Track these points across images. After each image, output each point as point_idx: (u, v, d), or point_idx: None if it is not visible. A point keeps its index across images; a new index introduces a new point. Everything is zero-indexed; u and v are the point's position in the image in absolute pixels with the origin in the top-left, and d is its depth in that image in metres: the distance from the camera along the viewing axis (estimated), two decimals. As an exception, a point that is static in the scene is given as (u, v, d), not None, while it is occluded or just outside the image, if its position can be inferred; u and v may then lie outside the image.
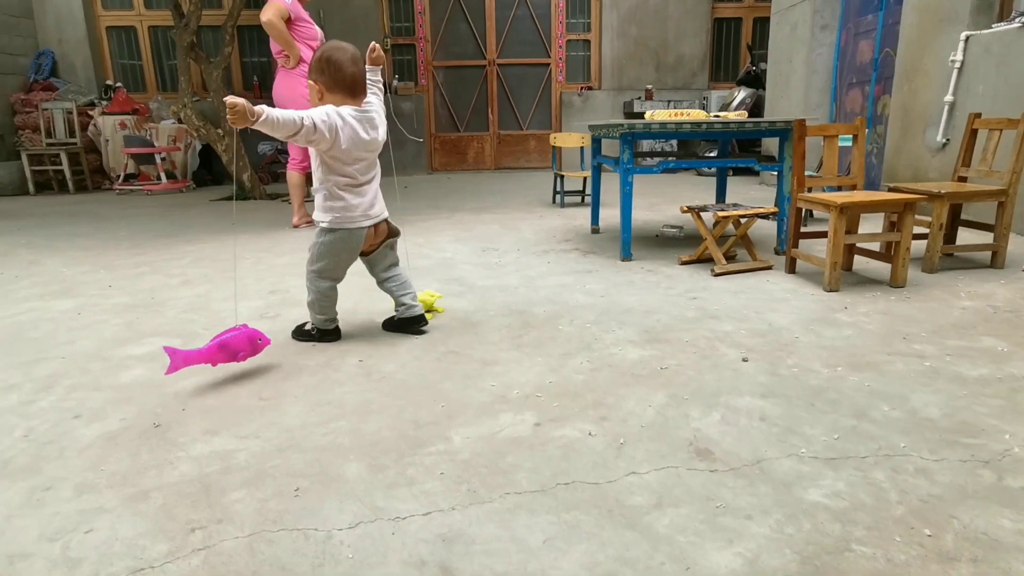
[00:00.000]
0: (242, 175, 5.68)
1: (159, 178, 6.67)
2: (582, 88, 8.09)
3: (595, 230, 3.71)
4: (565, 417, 1.41)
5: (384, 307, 2.10)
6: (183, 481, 1.18)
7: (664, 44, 7.97)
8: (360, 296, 2.39)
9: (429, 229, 3.89)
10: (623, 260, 2.94)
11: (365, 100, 1.83)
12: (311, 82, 1.80)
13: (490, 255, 3.12)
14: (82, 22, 7.37)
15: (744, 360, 1.70)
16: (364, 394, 1.54)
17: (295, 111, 1.66)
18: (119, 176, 7.15)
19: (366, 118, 1.80)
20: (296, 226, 4.04)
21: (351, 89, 1.77)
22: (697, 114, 2.96)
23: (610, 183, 4.76)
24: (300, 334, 1.95)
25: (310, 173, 3.10)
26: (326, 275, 1.85)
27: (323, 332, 1.91)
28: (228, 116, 1.51)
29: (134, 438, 1.34)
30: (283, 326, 2.06)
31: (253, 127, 1.56)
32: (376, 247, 1.93)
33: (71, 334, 2.03)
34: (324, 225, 1.81)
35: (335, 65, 1.74)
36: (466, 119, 8.23)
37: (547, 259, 3.01)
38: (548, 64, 8.12)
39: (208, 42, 7.45)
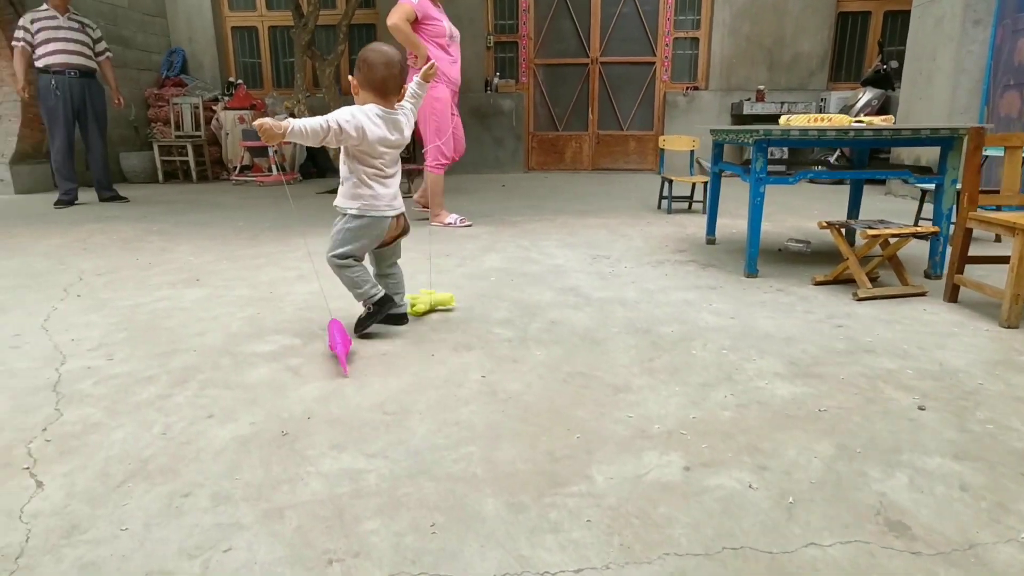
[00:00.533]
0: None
1: (270, 170, 6.99)
2: (688, 88, 7.74)
3: (711, 240, 3.48)
4: (718, 462, 1.25)
5: (461, 317, 2.01)
6: (315, 501, 1.12)
7: (780, 41, 7.48)
8: (474, 302, 2.32)
9: (534, 232, 3.80)
10: (748, 276, 2.71)
11: (399, 103, 1.92)
12: (350, 76, 1.91)
13: (602, 263, 2.97)
14: (211, 22, 7.85)
15: (921, 408, 1.47)
16: (491, 416, 1.45)
17: (320, 117, 1.74)
18: (235, 167, 7.57)
19: (391, 119, 1.88)
20: (465, 224, 4.00)
21: (379, 90, 1.86)
22: (840, 119, 2.68)
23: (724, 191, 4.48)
24: (361, 325, 1.95)
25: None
26: (347, 257, 1.90)
27: (376, 304, 1.92)
28: (260, 136, 1.61)
29: (264, 445, 1.31)
30: (398, 331, 2.02)
31: (286, 139, 1.67)
32: (393, 239, 2.01)
33: (201, 325, 2.08)
34: (352, 212, 1.89)
35: (368, 65, 1.83)
36: (565, 118, 8.09)
37: (663, 271, 2.83)
38: (653, 63, 7.83)
39: (321, 41, 7.73)
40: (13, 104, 5.90)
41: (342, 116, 1.76)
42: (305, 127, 1.69)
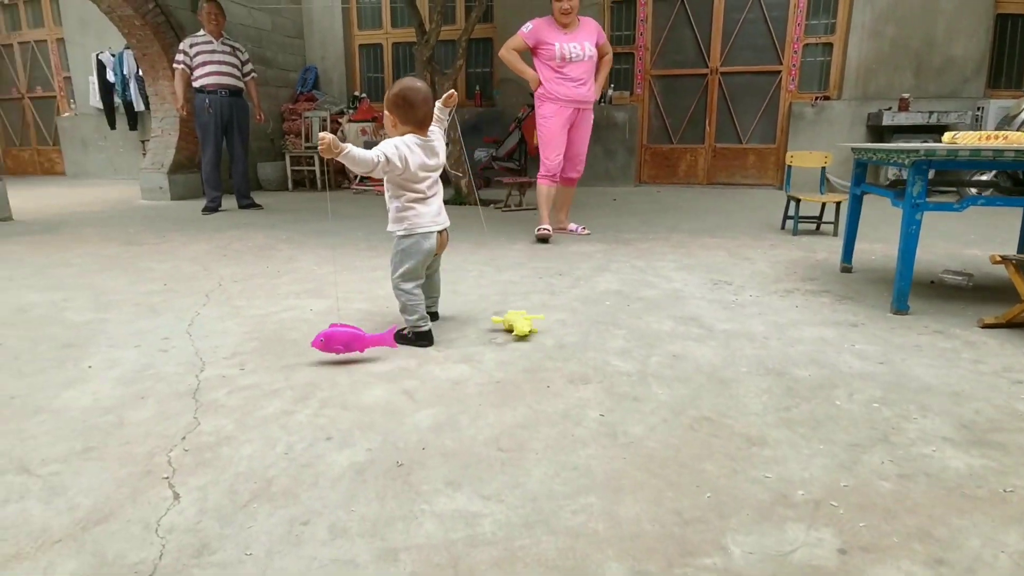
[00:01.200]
0: (460, 181, 5.95)
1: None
2: (817, 98, 7.20)
3: (846, 268, 3.16)
4: (880, 547, 1.07)
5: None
6: (430, 545, 1.09)
7: (930, 44, 6.76)
8: (590, 328, 2.23)
9: (649, 252, 3.64)
10: (896, 313, 2.41)
11: (429, 129, 2.06)
12: (386, 112, 2.04)
13: (723, 290, 2.78)
14: (341, 41, 8.36)
15: None
16: (612, 462, 1.35)
17: (372, 150, 1.89)
18: (356, 177, 7.99)
19: (428, 146, 2.04)
20: (542, 237, 4.02)
21: (420, 123, 2.02)
22: (1017, 136, 2.32)
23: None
24: (399, 339, 2.08)
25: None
26: (409, 277, 2.08)
27: (418, 335, 2.09)
28: (319, 147, 1.77)
29: (380, 476, 1.30)
30: (514, 356, 1.97)
31: (336, 159, 1.81)
32: (440, 250, 2.17)
33: (322, 339, 2.15)
34: (400, 233, 2.07)
35: (409, 103, 1.98)
36: (680, 130, 7.80)
37: (793, 301, 2.59)
38: (778, 71, 7.36)
39: (440, 55, 7.99)
40: (172, 120, 6.59)
41: (388, 150, 1.91)
42: (357, 155, 1.85)
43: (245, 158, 5.76)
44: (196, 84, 5.39)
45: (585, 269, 3.20)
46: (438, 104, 2.15)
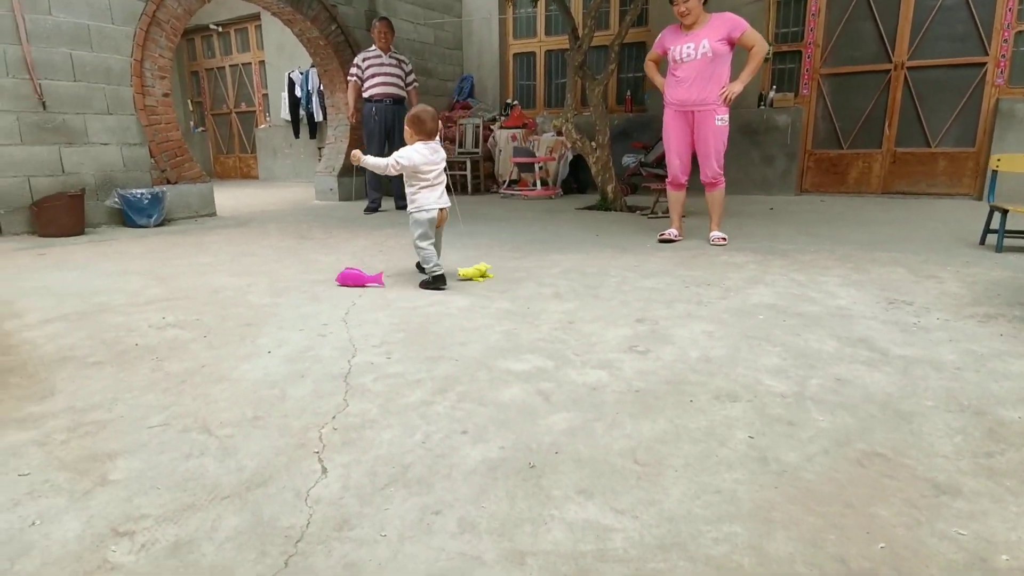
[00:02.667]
0: (607, 186, 5.87)
1: (535, 185, 7.42)
2: (1034, 93, 6.12)
3: (1070, 293, 2.63)
4: (1122, 642, 0.85)
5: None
6: (557, 553, 1.05)
7: None
8: (740, 342, 2.06)
9: (809, 265, 3.31)
10: None
11: (436, 140, 2.95)
12: (407, 127, 2.93)
13: (902, 311, 2.43)
14: (496, 50, 8.67)
15: None
16: (762, 491, 1.22)
17: (385, 158, 2.91)
18: (504, 182, 8.22)
19: (431, 148, 2.92)
20: (664, 238, 4.09)
21: (429, 135, 2.92)
22: None
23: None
24: (424, 285, 2.89)
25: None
26: (422, 238, 2.92)
27: (435, 277, 2.86)
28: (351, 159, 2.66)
29: (511, 475, 1.29)
30: (655, 366, 1.88)
31: (360, 165, 2.89)
32: (441, 223, 3.00)
33: (464, 335, 2.20)
34: (412, 210, 2.95)
35: (421, 121, 2.90)
36: (853, 134, 7.04)
37: (996, 329, 2.20)
38: (983, 63, 6.37)
39: (592, 61, 7.97)
40: (344, 128, 7.24)
41: (399, 156, 2.85)
42: (373, 162, 2.89)
43: None
44: (365, 94, 5.88)
45: (736, 280, 2.98)
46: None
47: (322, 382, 1.79)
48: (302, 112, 10.46)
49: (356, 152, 2.88)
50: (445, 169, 2.98)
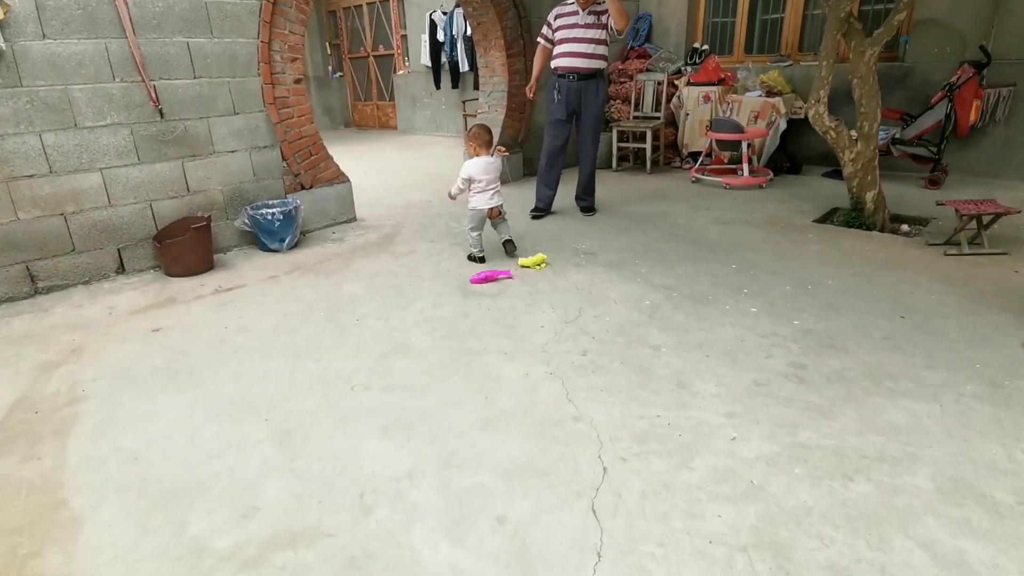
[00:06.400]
0: (865, 193, 4.16)
1: (739, 170, 5.75)
2: None
3: None
4: None
5: None
6: None
7: None
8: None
9: None
10: None
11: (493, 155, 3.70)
12: (467, 142, 3.79)
13: None
14: (687, -21, 6.78)
15: None
16: None
17: (458, 182, 3.73)
18: (687, 157, 6.59)
19: (487, 162, 3.64)
20: None
21: (487, 147, 3.67)
22: None
23: None
24: (470, 258, 3.74)
25: None
26: (474, 228, 3.69)
27: (478, 259, 3.69)
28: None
29: None
30: None
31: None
32: (494, 217, 3.73)
33: None
34: (469, 208, 3.70)
35: (478, 136, 3.67)
36: None
37: None
38: None
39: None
40: (500, 95, 5.97)
41: (463, 175, 3.65)
42: (455, 190, 3.78)
43: (594, 153, 4.73)
44: (552, 64, 4.50)
45: None
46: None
47: None
48: (444, 59, 9.28)
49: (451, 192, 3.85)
50: (498, 182, 3.70)
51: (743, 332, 2.70)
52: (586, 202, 4.81)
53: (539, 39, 4.58)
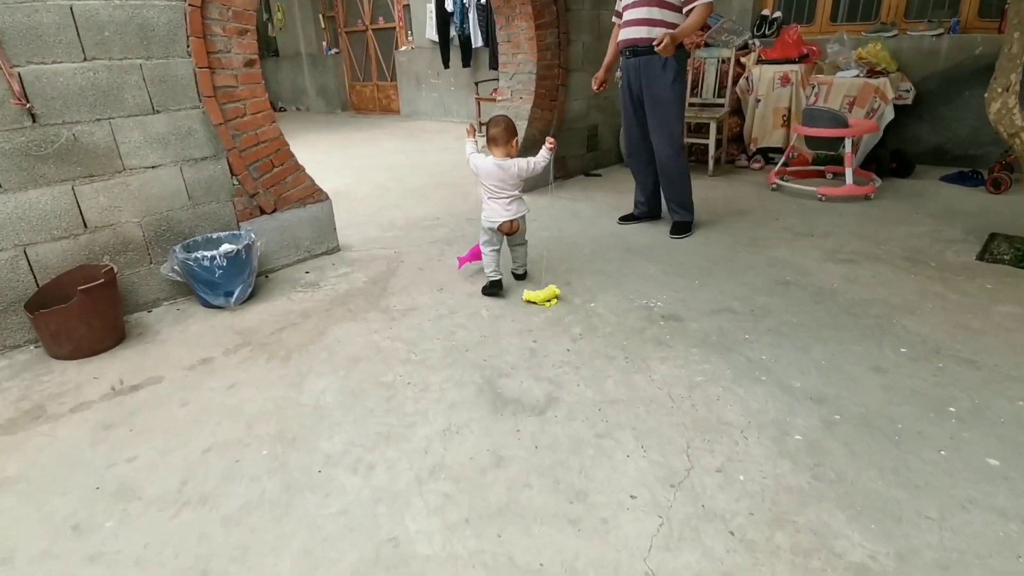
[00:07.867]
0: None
1: (825, 167, 4.47)
2: None
3: None
4: None
5: None
6: None
7: None
8: None
9: None
10: None
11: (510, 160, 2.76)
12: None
13: None
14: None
15: None
16: None
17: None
18: (755, 153, 5.31)
19: (498, 166, 2.71)
20: None
21: (497, 145, 2.73)
22: None
23: None
24: (484, 291, 2.87)
25: None
26: (487, 244, 2.84)
27: (491, 283, 2.84)
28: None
29: None
30: None
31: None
32: (511, 233, 2.84)
33: None
34: (482, 215, 2.83)
35: (491, 131, 2.78)
36: None
37: None
38: None
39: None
40: (526, 79, 4.69)
41: (469, 157, 2.84)
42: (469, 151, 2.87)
43: (668, 151, 3.47)
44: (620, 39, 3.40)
45: None
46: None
47: None
48: (453, 32, 7.95)
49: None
50: (519, 191, 2.79)
51: (998, 522, 1.48)
52: (675, 215, 3.65)
53: (615, 19, 3.53)
